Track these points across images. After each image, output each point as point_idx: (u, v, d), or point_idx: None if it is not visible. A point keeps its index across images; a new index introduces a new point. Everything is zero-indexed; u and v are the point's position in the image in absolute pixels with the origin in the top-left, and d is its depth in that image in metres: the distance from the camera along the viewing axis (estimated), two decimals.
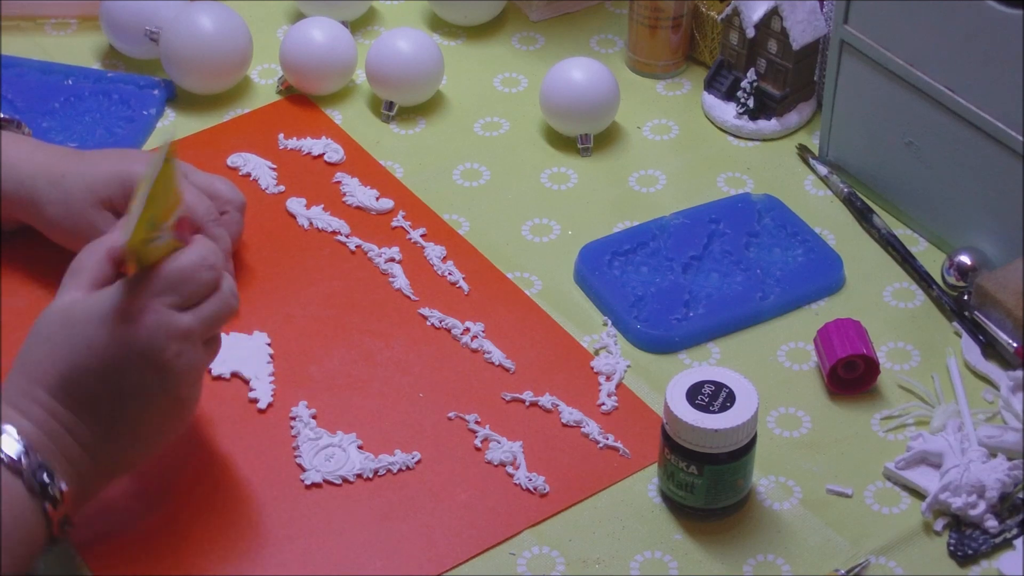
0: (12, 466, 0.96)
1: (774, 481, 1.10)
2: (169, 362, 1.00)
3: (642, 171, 1.35)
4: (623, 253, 1.25)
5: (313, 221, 1.29)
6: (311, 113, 1.40)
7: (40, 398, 0.99)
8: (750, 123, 1.38)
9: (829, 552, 1.06)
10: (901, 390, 1.17)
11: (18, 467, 0.96)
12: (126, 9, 1.41)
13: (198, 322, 1.02)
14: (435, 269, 1.25)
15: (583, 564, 1.05)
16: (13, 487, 0.96)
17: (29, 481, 0.96)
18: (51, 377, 0.99)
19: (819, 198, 1.33)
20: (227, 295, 1.04)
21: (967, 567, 1.05)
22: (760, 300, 1.22)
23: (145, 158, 1.21)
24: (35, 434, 0.98)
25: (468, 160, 1.36)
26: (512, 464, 1.11)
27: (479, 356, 1.19)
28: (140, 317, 0.99)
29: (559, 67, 1.36)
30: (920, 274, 1.25)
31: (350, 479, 1.10)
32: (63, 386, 0.99)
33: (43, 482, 0.97)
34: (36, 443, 0.98)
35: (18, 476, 0.96)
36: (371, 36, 1.49)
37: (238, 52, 1.39)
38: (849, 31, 1.27)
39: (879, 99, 1.27)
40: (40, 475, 0.97)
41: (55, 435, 0.99)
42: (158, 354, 1.00)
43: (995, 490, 1.07)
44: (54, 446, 0.99)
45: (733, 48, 1.39)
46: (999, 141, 1.19)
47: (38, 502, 0.97)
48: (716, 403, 1.04)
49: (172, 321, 1.00)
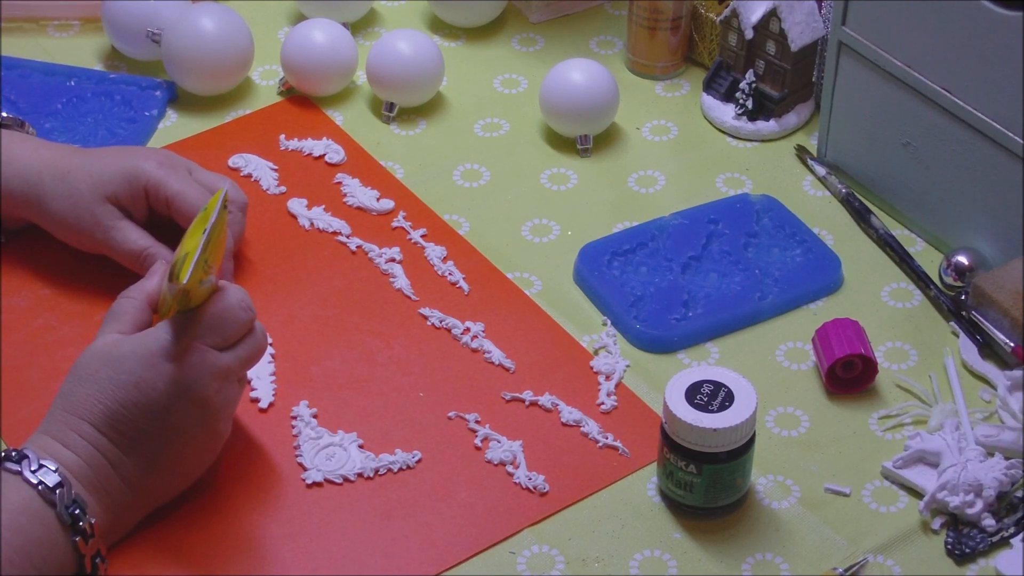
0: (46, 497, 0.98)
1: (773, 480, 1.11)
2: (211, 399, 1.03)
3: (641, 172, 1.36)
4: (622, 253, 1.25)
5: (314, 222, 1.30)
6: (312, 114, 1.40)
7: (86, 432, 1.01)
8: (749, 124, 1.38)
9: (827, 551, 1.06)
10: (899, 390, 1.17)
11: (52, 499, 0.98)
12: (128, 11, 1.41)
13: (236, 361, 1.05)
14: (435, 269, 1.26)
15: (583, 563, 1.05)
16: (46, 516, 0.98)
17: (61, 512, 0.98)
18: (98, 413, 1.01)
19: (817, 198, 1.33)
20: (260, 336, 1.07)
21: (964, 566, 1.05)
22: (759, 300, 1.22)
23: (151, 155, 1.21)
24: (78, 466, 1.00)
25: (468, 161, 1.36)
26: (512, 463, 1.11)
27: (479, 356, 1.19)
28: (186, 356, 1.02)
29: (559, 68, 1.37)
30: (918, 274, 1.25)
31: (351, 478, 1.10)
32: (110, 422, 1.01)
33: (74, 515, 0.98)
34: (79, 475, 1.00)
35: (51, 507, 0.98)
36: (372, 37, 1.49)
37: (239, 53, 1.39)
38: (847, 32, 1.28)
39: (877, 100, 1.28)
40: (72, 509, 0.99)
41: (98, 467, 1.01)
42: (202, 391, 1.03)
43: (992, 489, 1.07)
44: (96, 477, 1.01)
45: (732, 49, 1.39)
46: (997, 142, 1.19)
47: (68, 534, 0.98)
48: (715, 402, 1.05)
49: (214, 360, 1.04)
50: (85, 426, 1.01)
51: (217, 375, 1.04)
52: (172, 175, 1.19)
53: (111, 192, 1.19)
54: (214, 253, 1.04)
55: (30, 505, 0.97)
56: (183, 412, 1.03)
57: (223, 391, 1.05)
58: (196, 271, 1.01)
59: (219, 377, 1.04)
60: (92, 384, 1.02)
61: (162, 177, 1.19)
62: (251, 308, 1.06)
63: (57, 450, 1.01)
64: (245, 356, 1.06)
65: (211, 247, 1.02)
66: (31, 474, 0.98)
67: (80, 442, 1.01)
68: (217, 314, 1.04)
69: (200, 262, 1.01)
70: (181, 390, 1.02)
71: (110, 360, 1.02)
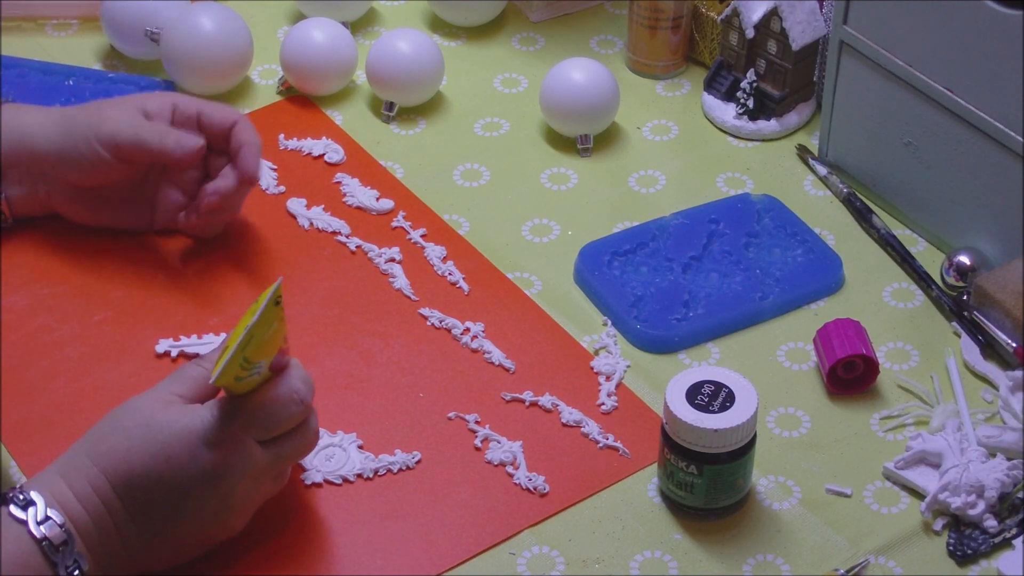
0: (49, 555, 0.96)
1: (774, 481, 1.10)
2: (234, 496, 1.00)
3: (642, 171, 1.35)
4: (623, 253, 1.25)
5: (313, 221, 1.29)
6: (311, 114, 1.40)
7: (101, 487, 0.98)
8: (750, 123, 1.38)
9: (828, 552, 1.06)
10: (900, 390, 1.17)
11: (54, 559, 0.96)
12: (127, 10, 1.41)
13: (275, 458, 1.02)
14: (435, 269, 1.25)
15: (583, 564, 1.05)
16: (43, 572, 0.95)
17: (60, 573, 0.96)
18: (120, 472, 0.98)
19: (818, 198, 1.33)
20: (310, 434, 1.04)
21: (966, 567, 1.05)
22: (760, 300, 1.22)
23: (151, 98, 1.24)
24: (83, 520, 0.98)
25: (468, 160, 1.36)
26: (512, 464, 1.11)
27: (479, 356, 1.19)
28: (223, 448, 0.99)
29: (559, 68, 1.37)
30: (919, 274, 1.25)
31: (350, 479, 1.10)
32: (128, 485, 0.98)
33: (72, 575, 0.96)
34: (81, 529, 0.97)
35: (52, 566, 0.96)
36: (371, 37, 1.49)
37: (239, 53, 1.39)
38: (848, 31, 1.27)
39: (878, 99, 1.28)
40: (72, 569, 0.96)
41: (102, 527, 0.98)
42: (229, 488, 1.00)
43: (994, 490, 1.07)
44: (97, 537, 0.98)
45: (733, 49, 1.39)
46: (998, 141, 1.19)
47: None
48: (716, 403, 1.05)
49: (252, 457, 1.00)
50: (103, 481, 0.98)
51: (251, 473, 1.01)
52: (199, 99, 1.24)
53: (139, 102, 1.22)
54: (263, 347, 0.99)
55: (29, 560, 0.95)
56: (202, 499, 0.99)
57: (251, 489, 1.01)
58: (230, 368, 0.97)
59: (252, 475, 1.01)
60: (124, 440, 0.98)
61: (191, 98, 1.23)
62: (303, 401, 1.02)
63: (67, 499, 0.97)
64: (288, 453, 1.03)
65: (257, 343, 0.98)
66: (36, 526, 0.96)
67: (93, 497, 0.98)
68: (264, 406, 1.01)
69: (236, 359, 0.97)
70: (208, 478, 0.99)
71: (150, 423, 0.99)
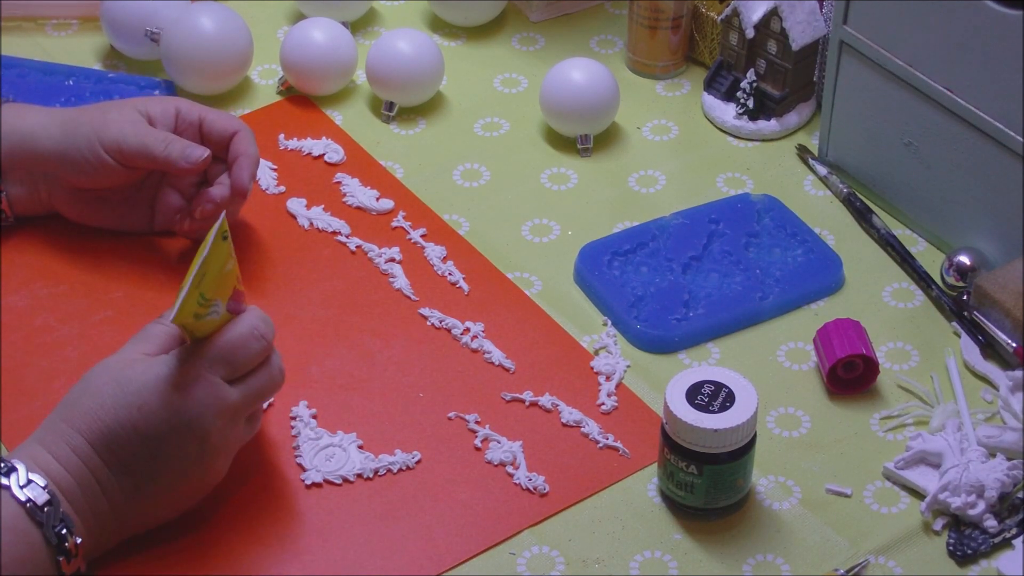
0: (34, 515, 0.96)
1: (773, 481, 1.10)
2: (211, 436, 1.01)
3: (642, 171, 1.35)
4: (623, 253, 1.25)
5: (313, 221, 1.29)
6: (311, 114, 1.40)
7: (79, 447, 0.99)
8: (750, 123, 1.38)
9: (828, 552, 1.06)
10: (900, 390, 1.17)
11: (39, 519, 0.96)
12: (127, 10, 1.41)
13: (245, 396, 1.03)
14: (435, 269, 1.25)
15: (583, 564, 1.05)
16: (32, 535, 0.96)
17: (48, 533, 0.96)
18: (95, 430, 1.00)
19: (818, 198, 1.33)
20: (274, 371, 1.05)
21: (966, 567, 1.05)
22: (760, 300, 1.22)
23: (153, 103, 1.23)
24: (67, 483, 0.99)
25: (468, 160, 1.36)
26: (512, 464, 1.11)
27: (479, 356, 1.19)
28: (191, 388, 1.00)
29: (559, 68, 1.36)
30: (919, 274, 1.25)
31: (350, 479, 1.10)
32: (105, 441, 1.00)
33: (61, 535, 0.97)
34: (67, 492, 0.98)
35: (38, 527, 0.96)
36: (371, 37, 1.49)
37: (239, 53, 1.39)
38: (848, 32, 1.27)
39: (878, 99, 1.28)
40: (60, 528, 0.97)
41: (86, 486, 0.99)
42: (203, 426, 1.01)
43: (994, 490, 1.07)
44: (83, 497, 0.99)
45: (733, 49, 1.39)
46: (998, 141, 1.19)
47: (53, 553, 0.97)
48: (716, 403, 1.05)
49: (221, 395, 1.01)
50: (80, 440, 0.99)
51: (223, 412, 1.01)
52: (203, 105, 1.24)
53: (142, 106, 1.22)
54: (217, 285, 1.00)
55: (16, 523, 0.96)
56: (180, 444, 1.00)
57: (227, 430, 1.02)
58: (188, 306, 0.98)
59: (225, 414, 1.02)
60: (96, 399, 1.00)
61: (194, 103, 1.24)
62: (264, 337, 1.03)
63: (48, 463, 0.99)
64: (256, 390, 1.04)
65: (210, 280, 0.99)
66: (19, 490, 0.96)
67: (72, 458, 0.99)
68: (226, 344, 1.02)
69: (192, 296, 0.98)
70: (182, 421, 1.00)
71: (119, 378, 1.00)
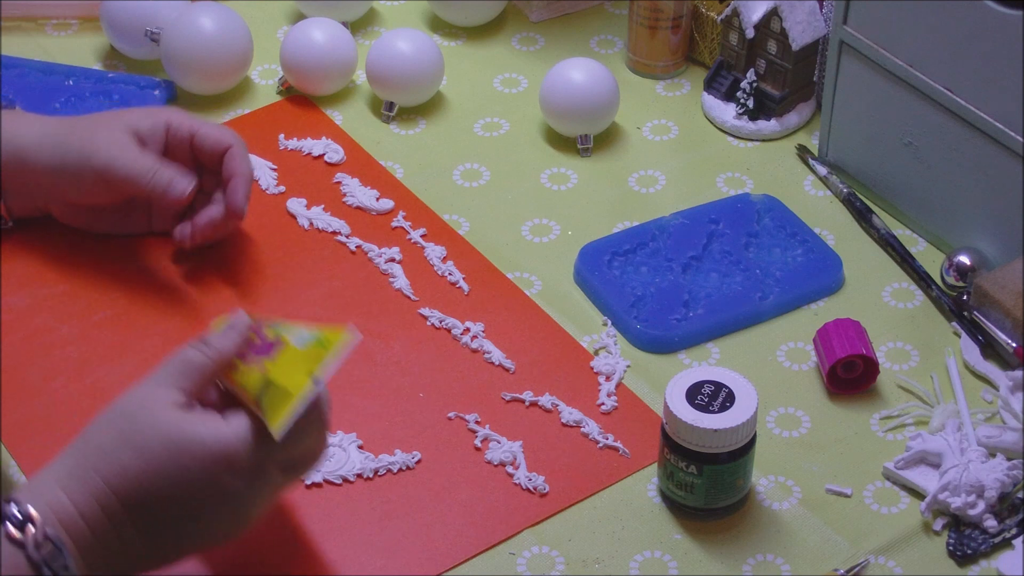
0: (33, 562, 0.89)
1: (773, 481, 1.10)
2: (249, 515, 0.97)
3: (642, 171, 1.35)
4: (623, 253, 1.25)
5: (313, 221, 1.29)
6: (311, 114, 1.40)
7: (109, 504, 0.92)
8: (750, 123, 1.38)
9: (828, 552, 1.06)
10: (900, 390, 1.17)
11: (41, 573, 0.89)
12: (127, 10, 1.41)
13: (290, 479, 0.99)
14: (435, 269, 1.25)
15: (583, 564, 1.05)
16: None
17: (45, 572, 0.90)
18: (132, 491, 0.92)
19: (818, 198, 1.33)
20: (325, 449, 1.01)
21: (966, 567, 1.05)
22: (759, 300, 1.22)
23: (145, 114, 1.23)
24: (87, 542, 0.92)
25: (468, 160, 1.36)
26: (512, 464, 1.11)
27: (479, 356, 1.19)
28: (251, 479, 0.95)
29: (559, 68, 1.36)
30: (919, 274, 1.25)
31: (350, 479, 1.10)
32: (142, 505, 0.93)
33: None
34: (85, 550, 0.91)
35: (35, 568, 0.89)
36: (371, 37, 1.49)
37: (238, 53, 1.39)
38: (848, 32, 1.27)
39: (878, 100, 1.28)
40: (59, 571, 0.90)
41: (108, 547, 0.93)
42: (246, 510, 0.96)
43: (994, 490, 1.07)
44: (102, 557, 0.92)
45: (733, 49, 1.39)
46: (998, 141, 1.19)
47: None
48: (716, 403, 1.05)
49: (273, 483, 0.97)
50: (112, 500, 0.92)
51: (272, 498, 0.98)
52: (195, 117, 1.24)
53: (132, 122, 1.21)
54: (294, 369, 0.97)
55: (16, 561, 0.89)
56: (216, 518, 0.95)
57: (265, 505, 0.98)
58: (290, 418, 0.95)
59: (273, 500, 0.99)
60: (141, 459, 0.92)
61: (186, 116, 1.23)
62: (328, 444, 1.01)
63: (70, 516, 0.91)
64: (304, 473, 1.00)
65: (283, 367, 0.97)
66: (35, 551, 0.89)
67: (99, 515, 0.92)
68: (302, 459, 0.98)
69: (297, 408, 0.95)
70: (228, 503, 0.95)
71: (170, 442, 0.92)
